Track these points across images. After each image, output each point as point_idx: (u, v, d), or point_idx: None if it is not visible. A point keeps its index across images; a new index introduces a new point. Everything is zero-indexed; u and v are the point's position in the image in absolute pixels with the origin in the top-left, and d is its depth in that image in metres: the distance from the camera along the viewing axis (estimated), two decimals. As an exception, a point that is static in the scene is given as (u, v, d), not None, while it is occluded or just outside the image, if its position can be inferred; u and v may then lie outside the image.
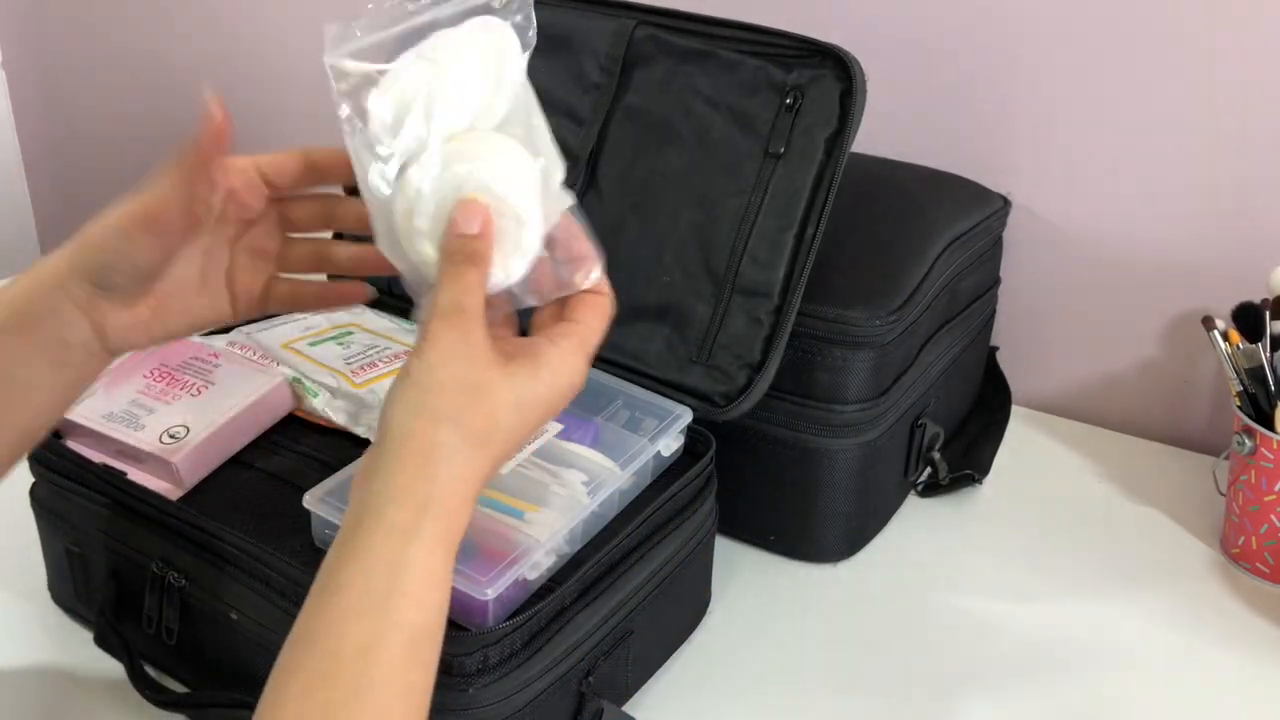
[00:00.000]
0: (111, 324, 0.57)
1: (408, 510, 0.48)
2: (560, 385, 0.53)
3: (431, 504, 0.49)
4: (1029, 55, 1.02)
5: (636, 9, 0.87)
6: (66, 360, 0.57)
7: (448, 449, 0.50)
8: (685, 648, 0.77)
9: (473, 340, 0.51)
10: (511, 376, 0.52)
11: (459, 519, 0.50)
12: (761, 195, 0.79)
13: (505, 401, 0.51)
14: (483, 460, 0.51)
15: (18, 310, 0.56)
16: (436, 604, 0.49)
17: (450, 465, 0.50)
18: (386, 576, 0.47)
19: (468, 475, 0.50)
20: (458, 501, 0.50)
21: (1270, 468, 0.82)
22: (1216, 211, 0.98)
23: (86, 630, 0.75)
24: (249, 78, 1.59)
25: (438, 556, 0.48)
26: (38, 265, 0.57)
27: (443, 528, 0.49)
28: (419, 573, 0.48)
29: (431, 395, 0.50)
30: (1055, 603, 0.82)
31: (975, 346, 1.01)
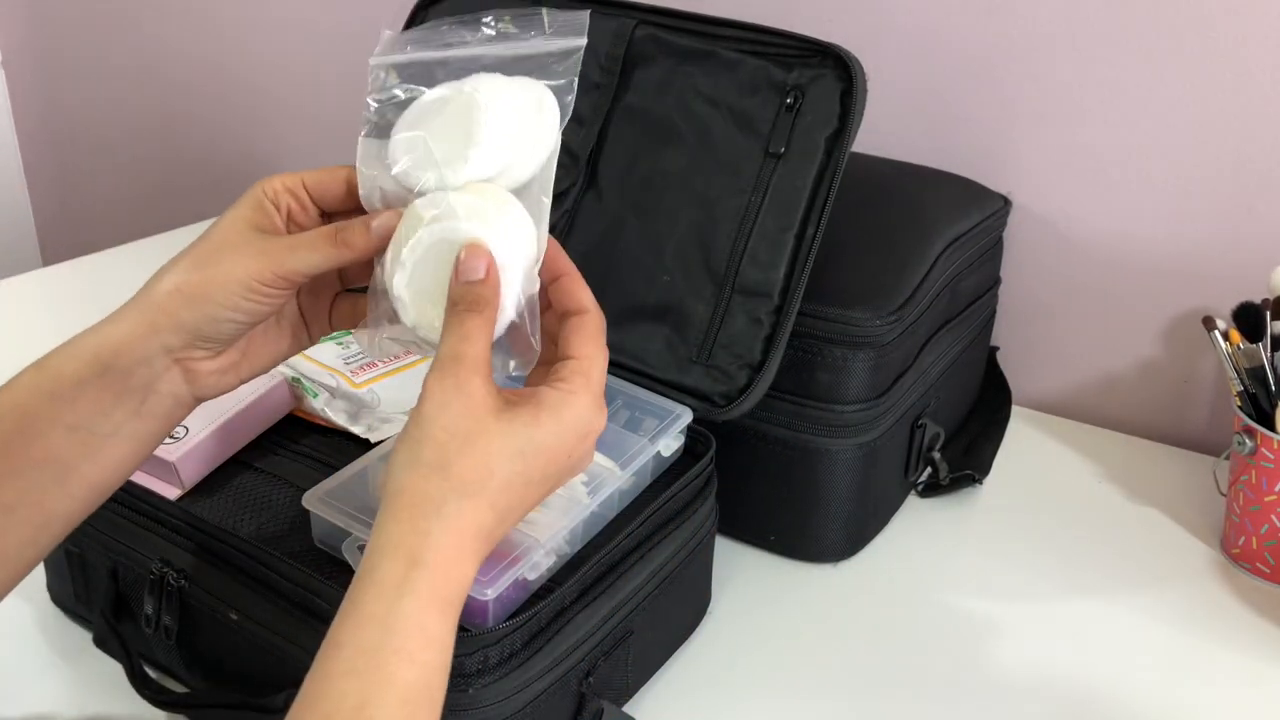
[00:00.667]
0: (203, 370, 0.56)
1: (399, 565, 0.47)
2: (567, 429, 0.52)
3: (423, 559, 0.48)
4: (1029, 55, 1.02)
5: (636, 9, 0.87)
6: (152, 411, 0.55)
7: (436, 501, 0.49)
8: (685, 648, 0.77)
9: (468, 389, 0.50)
10: (509, 423, 0.50)
11: (455, 574, 0.49)
12: (761, 195, 0.79)
13: (500, 449, 0.50)
14: (478, 511, 0.49)
15: (103, 361, 0.54)
16: (431, 663, 0.47)
17: (441, 518, 0.48)
18: (378, 633, 0.46)
19: (462, 527, 0.49)
20: (452, 555, 0.48)
21: (1271, 468, 0.82)
22: (1216, 211, 0.98)
23: (86, 630, 0.75)
24: (248, 78, 1.59)
25: (431, 613, 0.47)
26: (116, 316, 0.55)
27: (438, 582, 0.48)
28: (411, 629, 0.47)
29: (423, 447, 0.49)
30: (1055, 603, 0.82)
31: (975, 346, 1.01)
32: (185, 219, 1.50)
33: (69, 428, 0.53)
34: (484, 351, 0.51)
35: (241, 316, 0.54)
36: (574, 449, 0.53)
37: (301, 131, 1.57)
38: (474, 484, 0.49)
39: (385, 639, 0.46)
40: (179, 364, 0.55)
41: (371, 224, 0.54)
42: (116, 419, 0.54)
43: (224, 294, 0.54)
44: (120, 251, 1.38)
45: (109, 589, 0.72)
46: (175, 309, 0.54)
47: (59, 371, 0.54)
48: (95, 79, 1.77)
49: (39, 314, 1.25)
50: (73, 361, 0.54)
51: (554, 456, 0.52)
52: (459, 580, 0.49)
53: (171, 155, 1.72)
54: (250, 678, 0.67)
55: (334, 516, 0.64)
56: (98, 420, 0.54)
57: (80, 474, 0.54)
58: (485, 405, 0.50)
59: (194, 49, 1.63)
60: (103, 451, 0.55)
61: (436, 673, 0.47)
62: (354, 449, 0.75)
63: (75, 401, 0.53)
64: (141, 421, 0.55)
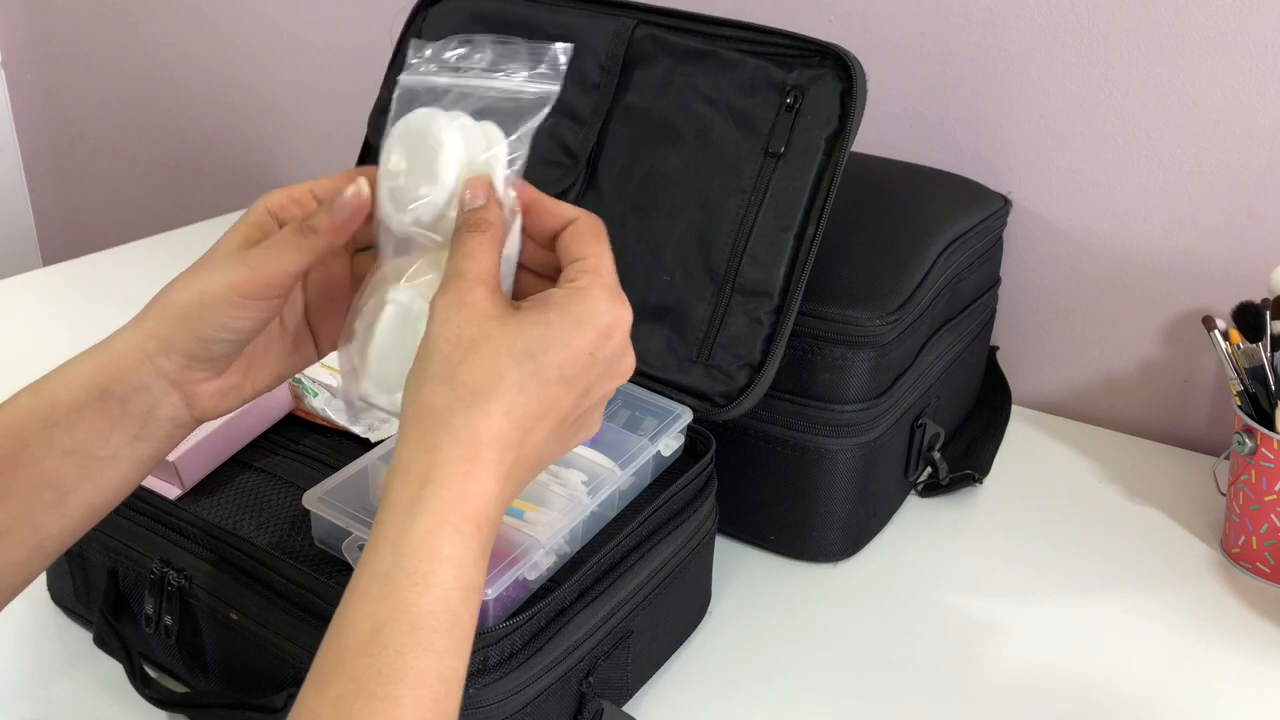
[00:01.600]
0: (203, 393, 0.55)
1: (410, 485, 0.46)
2: (582, 323, 0.49)
3: (432, 475, 0.46)
4: (1029, 55, 1.02)
5: (636, 8, 0.87)
6: (150, 434, 0.54)
7: (443, 413, 0.47)
8: (685, 648, 0.77)
9: (469, 299, 0.48)
10: (516, 324, 0.48)
11: (471, 488, 0.46)
12: (761, 195, 0.79)
13: (507, 351, 0.48)
14: (490, 419, 0.47)
15: (100, 387, 0.53)
16: (450, 585, 0.45)
17: (450, 430, 0.46)
18: (390, 556, 0.45)
19: (473, 437, 0.46)
20: (465, 468, 0.46)
21: (1271, 467, 0.82)
22: (1216, 211, 0.98)
23: (86, 630, 0.75)
24: (248, 78, 1.59)
25: (445, 532, 0.45)
26: (112, 340, 0.54)
27: (450, 499, 0.45)
28: (423, 550, 0.45)
29: (429, 363, 0.48)
30: (1055, 602, 0.82)
31: (975, 346, 1.01)
32: (185, 219, 1.51)
33: (65, 452, 0.53)
34: (489, 265, 0.50)
35: (229, 335, 0.53)
36: (597, 346, 0.50)
37: (301, 130, 1.57)
38: (482, 390, 0.47)
39: (397, 561, 0.45)
40: (177, 388, 0.54)
41: (335, 203, 0.52)
42: (115, 444, 0.53)
43: (209, 312, 0.52)
44: (120, 251, 1.38)
45: (109, 589, 0.72)
46: (166, 332, 0.53)
47: (55, 398, 0.53)
48: (95, 80, 1.77)
49: (39, 314, 1.25)
50: (69, 387, 0.53)
51: (572, 354, 0.49)
52: (477, 494, 0.46)
53: (171, 155, 1.73)
54: (250, 678, 0.67)
55: (334, 516, 0.64)
56: (95, 444, 0.53)
57: (78, 496, 0.53)
58: (489, 313, 0.48)
59: (194, 49, 1.63)
60: (101, 475, 0.54)
61: (456, 594, 0.45)
62: (354, 449, 0.75)
63: (71, 427, 0.53)
64: (141, 445, 0.54)
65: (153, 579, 0.68)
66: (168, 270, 0.56)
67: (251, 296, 0.52)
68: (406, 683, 0.43)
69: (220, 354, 0.54)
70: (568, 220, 0.54)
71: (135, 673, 0.68)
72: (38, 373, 0.55)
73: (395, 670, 0.43)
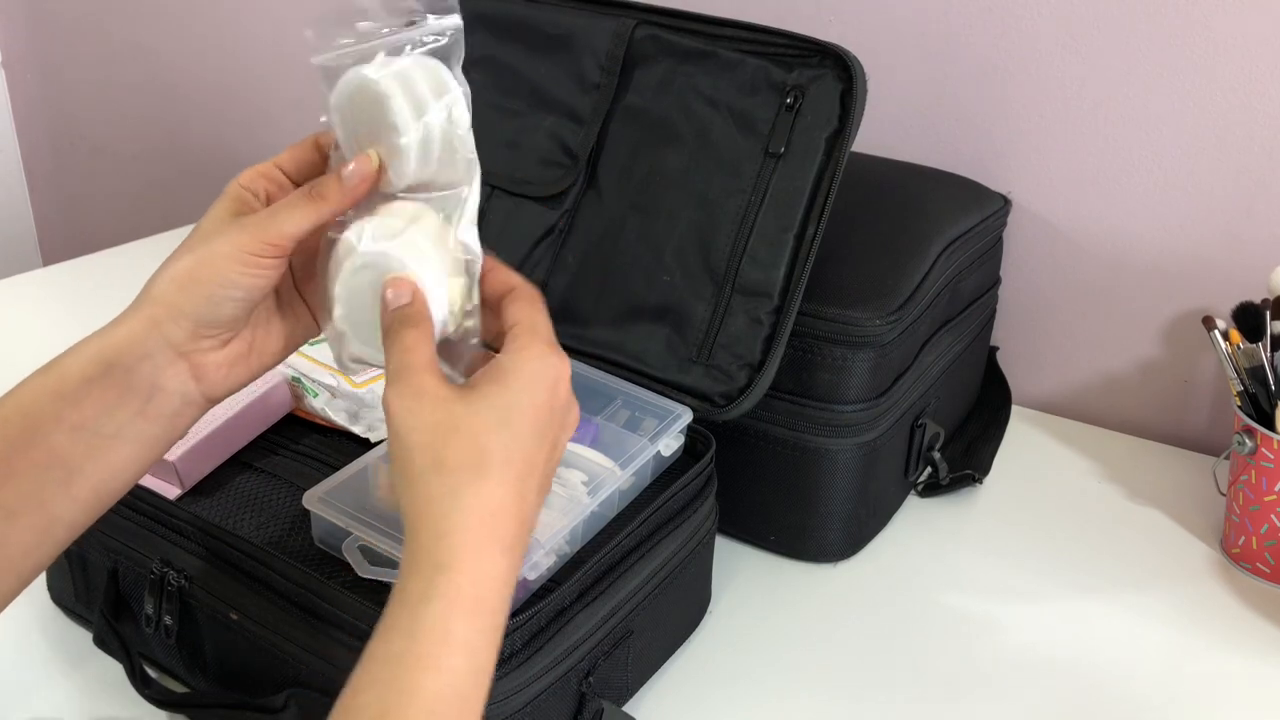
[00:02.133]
0: (211, 364, 0.55)
1: (424, 575, 0.46)
2: (535, 381, 0.51)
3: (445, 562, 0.46)
4: (1029, 55, 1.02)
5: (636, 9, 0.87)
6: (159, 410, 0.54)
7: (446, 498, 0.48)
8: (685, 648, 0.77)
9: (425, 389, 0.50)
10: (480, 399, 0.50)
11: (486, 570, 0.47)
12: (761, 195, 0.79)
13: (482, 425, 0.49)
14: (491, 490, 0.48)
15: (107, 360, 0.53)
16: (459, 669, 0.45)
17: (456, 513, 0.47)
18: (401, 642, 0.45)
19: (479, 513, 0.48)
20: (475, 548, 0.47)
21: (1270, 468, 0.82)
22: (1217, 211, 0.98)
23: (86, 630, 0.75)
24: (248, 78, 1.59)
25: (457, 617, 0.46)
26: (120, 316, 0.55)
27: (463, 583, 0.46)
28: (435, 635, 0.45)
29: (412, 458, 0.49)
30: (1055, 602, 0.82)
31: (975, 346, 1.01)
32: (185, 219, 1.50)
33: (73, 428, 0.53)
34: (428, 355, 0.51)
35: (238, 292, 0.54)
36: (550, 400, 0.51)
37: (300, 130, 1.56)
38: (474, 467, 0.48)
39: (408, 647, 0.45)
40: (185, 359, 0.55)
41: (343, 172, 0.55)
42: (120, 419, 0.54)
43: (217, 272, 0.54)
44: (120, 251, 1.38)
45: (109, 589, 0.72)
46: (172, 298, 0.54)
47: (64, 372, 0.54)
48: (95, 80, 1.77)
49: (39, 314, 1.25)
50: (78, 361, 0.54)
51: (536, 413, 0.51)
52: (490, 577, 0.47)
53: (171, 156, 1.72)
54: (250, 678, 0.67)
55: (334, 516, 0.64)
56: (102, 420, 0.53)
57: (84, 476, 0.54)
58: (446, 397, 0.50)
59: (194, 50, 1.63)
60: (107, 453, 0.54)
61: (467, 677, 0.45)
62: (354, 449, 0.75)
63: (80, 401, 0.53)
64: (147, 421, 0.55)
65: (153, 579, 0.68)
66: (168, 270, 0.56)
67: (258, 254, 0.54)
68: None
69: (228, 315, 0.55)
70: (509, 287, 0.56)
71: (135, 673, 0.68)
72: (38, 373, 0.55)
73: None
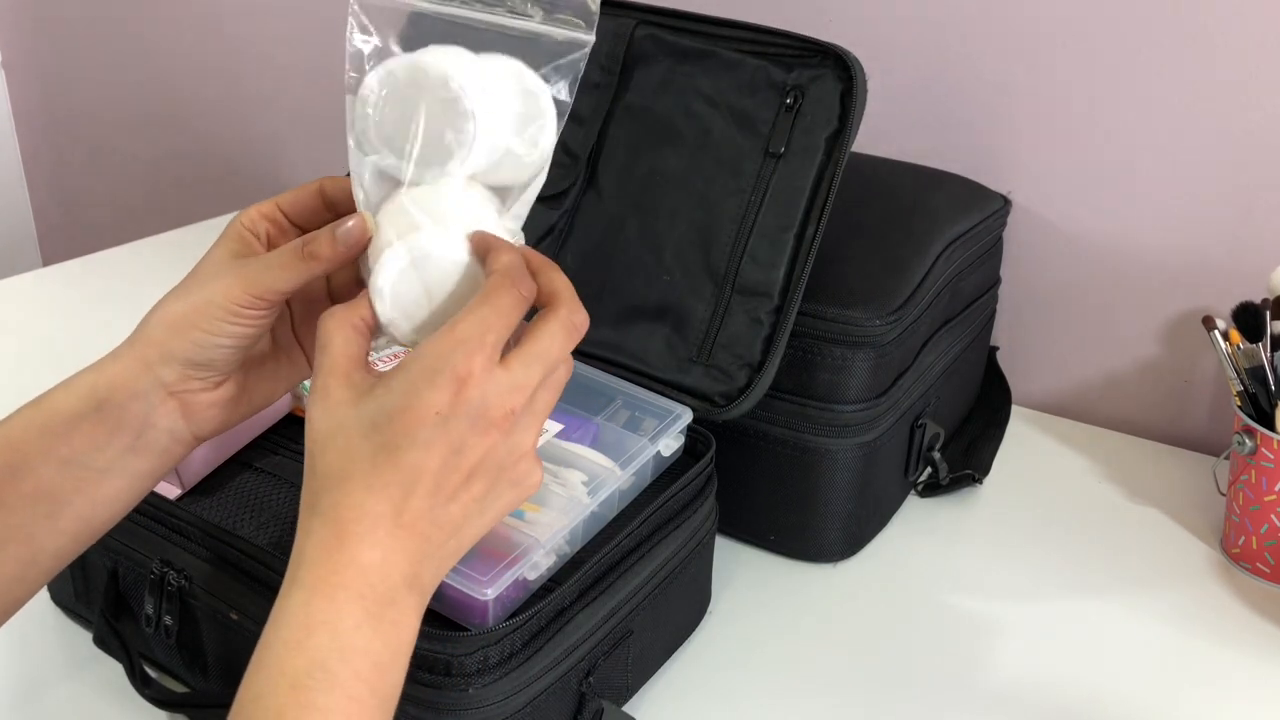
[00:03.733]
0: (201, 404, 0.56)
1: (290, 568, 0.48)
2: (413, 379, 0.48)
3: (304, 554, 0.48)
4: (1029, 55, 1.02)
5: (636, 9, 0.87)
6: (148, 447, 0.55)
7: (308, 501, 0.49)
8: (685, 648, 0.77)
9: (325, 393, 0.50)
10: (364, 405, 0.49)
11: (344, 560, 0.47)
12: (761, 195, 0.79)
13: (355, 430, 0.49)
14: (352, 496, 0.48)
15: (99, 397, 0.53)
16: (322, 645, 0.46)
17: (316, 513, 0.48)
18: (270, 631, 0.47)
19: (336, 515, 0.48)
20: (331, 544, 0.48)
21: (1270, 468, 0.82)
22: (1216, 211, 0.98)
23: (86, 630, 0.75)
24: (248, 77, 1.59)
25: (315, 603, 0.47)
26: (112, 353, 0.55)
27: (322, 570, 0.47)
28: (296, 618, 0.46)
29: (307, 463, 0.50)
30: (1055, 603, 0.82)
31: (975, 346, 1.01)
32: (185, 219, 1.51)
33: (62, 462, 0.53)
34: (342, 349, 0.50)
35: (227, 341, 0.54)
36: (435, 399, 0.48)
37: (301, 130, 1.57)
38: (339, 474, 0.48)
39: (275, 633, 0.47)
40: (175, 398, 0.55)
41: (336, 232, 0.53)
42: (110, 454, 0.54)
43: (206, 319, 0.53)
44: (120, 251, 1.38)
45: (109, 589, 0.72)
46: (163, 340, 0.54)
47: (54, 407, 0.54)
48: (95, 79, 1.77)
49: (39, 314, 1.25)
50: (69, 397, 0.54)
51: (415, 417, 0.48)
52: (350, 565, 0.47)
53: (171, 155, 1.72)
54: (250, 678, 0.67)
55: (334, 516, 0.64)
56: (92, 455, 0.54)
57: (72, 510, 0.54)
58: (342, 401, 0.49)
59: (194, 49, 1.63)
60: (96, 488, 0.54)
61: (332, 654, 0.46)
62: (354, 449, 0.75)
63: (69, 436, 0.53)
64: (137, 458, 0.55)
65: (153, 579, 0.68)
66: (168, 270, 0.56)
67: (247, 307, 0.54)
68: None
69: (218, 361, 0.55)
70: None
71: (135, 673, 0.69)
72: (38, 373, 0.55)
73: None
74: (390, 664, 0.48)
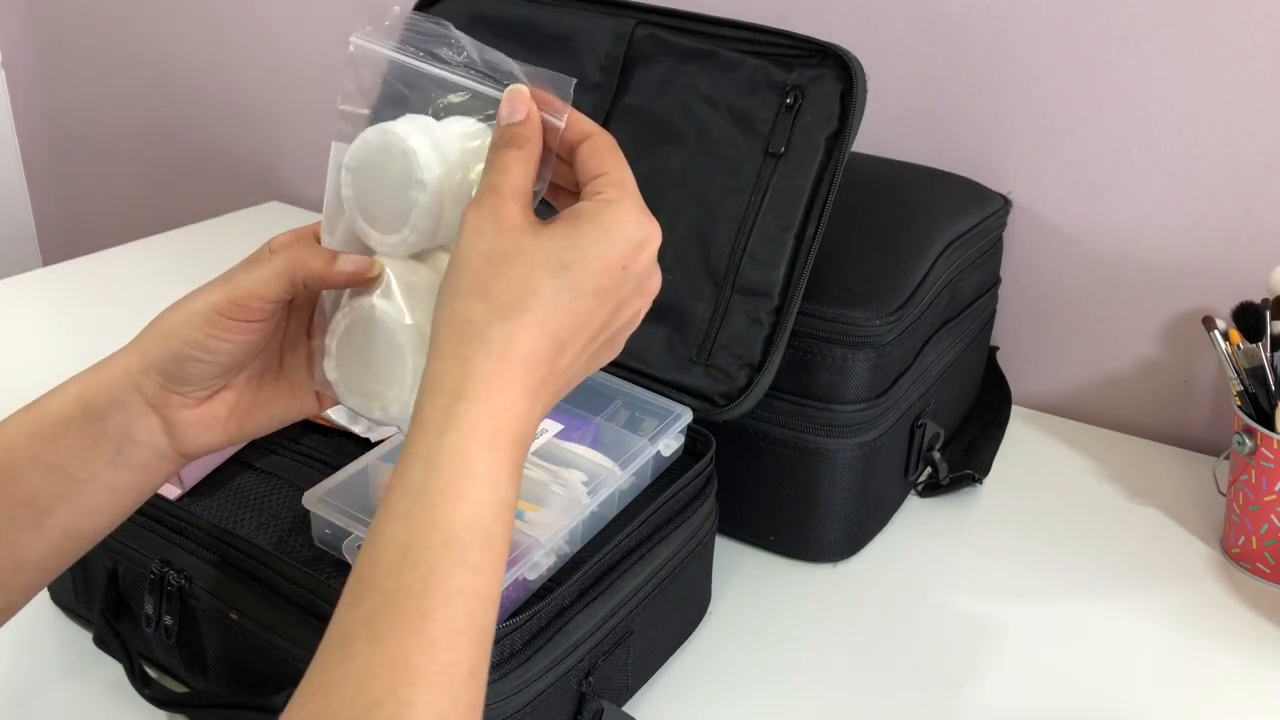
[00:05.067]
0: (184, 421, 0.54)
1: (443, 400, 0.45)
2: (614, 236, 0.49)
3: (465, 390, 0.45)
4: (1029, 56, 1.02)
5: (637, 9, 0.87)
6: (130, 460, 0.54)
7: (477, 326, 0.46)
8: (685, 648, 0.77)
9: (503, 214, 0.48)
10: (549, 238, 0.48)
11: (504, 403, 0.45)
12: (761, 195, 0.79)
13: (541, 263, 0.47)
14: (525, 332, 0.46)
15: (85, 402, 0.53)
16: (482, 501, 0.44)
17: (484, 344, 0.46)
18: (422, 473, 0.44)
19: (507, 351, 0.46)
20: (497, 383, 0.45)
21: (1270, 468, 0.82)
22: (1216, 211, 0.98)
23: (86, 630, 0.75)
24: (248, 77, 1.59)
25: (477, 448, 0.44)
26: (107, 358, 0.54)
27: (483, 415, 0.45)
28: (455, 467, 0.44)
29: (462, 275, 0.47)
30: (1055, 603, 0.82)
31: (975, 346, 1.01)
32: (185, 219, 1.51)
33: (48, 467, 0.52)
34: (522, 181, 0.49)
35: (203, 355, 0.53)
36: (629, 259, 0.49)
37: (301, 130, 1.57)
38: (516, 304, 0.46)
39: (429, 478, 0.44)
40: (157, 412, 0.54)
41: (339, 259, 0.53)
42: (94, 465, 0.53)
43: (185, 329, 0.53)
44: (120, 251, 1.38)
45: (109, 589, 0.72)
46: (147, 348, 0.53)
47: (45, 410, 0.53)
48: (95, 79, 1.77)
49: (39, 314, 1.25)
50: (59, 400, 0.53)
51: (606, 266, 0.48)
52: (509, 411, 0.45)
53: (171, 155, 1.73)
54: (250, 678, 0.67)
55: (334, 516, 0.64)
56: (76, 463, 0.53)
57: (55, 518, 0.53)
58: (521, 227, 0.48)
59: (194, 49, 1.63)
60: (79, 497, 0.53)
61: (489, 510, 0.44)
62: (354, 449, 0.75)
63: (57, 441, 0.52)
64: (119, 471, 0.54)
65: (153, 579, 0.68)
66: (168, 270, 0.56)
67: (227, 314, 0.52)
68: (439, 599, 0.42)
69: (195, 375, 0.54)
70: (585, 133, 0.53)
71: (135, 673, 0.68)
72: (38, 373, 0.55)
73: (427, 586, 0.42)
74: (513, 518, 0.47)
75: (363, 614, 0.42)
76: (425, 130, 0.52)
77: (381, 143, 0.53)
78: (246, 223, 1.48)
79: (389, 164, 0.52)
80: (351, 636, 0.42)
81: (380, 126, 0.53)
